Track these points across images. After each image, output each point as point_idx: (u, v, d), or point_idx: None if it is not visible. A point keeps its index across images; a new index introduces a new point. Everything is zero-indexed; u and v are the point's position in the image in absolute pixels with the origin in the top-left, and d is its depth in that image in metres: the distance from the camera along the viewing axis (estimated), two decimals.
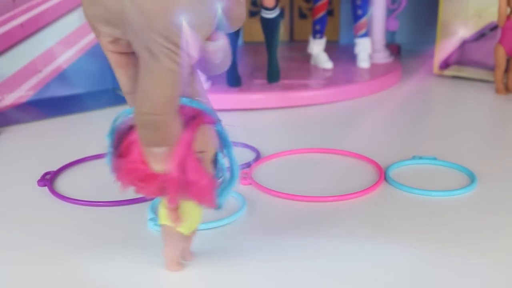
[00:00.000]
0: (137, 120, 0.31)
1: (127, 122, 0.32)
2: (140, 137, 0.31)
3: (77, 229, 0.42)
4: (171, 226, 0.34)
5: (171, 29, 0.28)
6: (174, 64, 0.29)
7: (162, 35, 0.28)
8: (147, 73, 0.29)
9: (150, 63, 0.29)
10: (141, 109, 0.30)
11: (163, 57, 0.29)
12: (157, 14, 0.28)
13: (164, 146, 0.31)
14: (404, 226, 0.41)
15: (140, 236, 0.40)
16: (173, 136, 0.31)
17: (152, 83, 0.29)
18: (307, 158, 0.54)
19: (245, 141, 0.58)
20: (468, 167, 0.51)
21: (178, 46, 0.29)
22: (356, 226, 0.41)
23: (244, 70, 0.75)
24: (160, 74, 0.29)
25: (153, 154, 0.31)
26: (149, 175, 0.31)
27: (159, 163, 0.31)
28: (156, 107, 0.30)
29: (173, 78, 0.29)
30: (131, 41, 0.30)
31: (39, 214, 0.44)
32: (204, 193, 0.32)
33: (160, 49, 0.28)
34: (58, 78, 0.71)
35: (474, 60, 0.80)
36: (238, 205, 0.44)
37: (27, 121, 0.64)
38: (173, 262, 0.36)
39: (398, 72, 0.81)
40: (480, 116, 0.69)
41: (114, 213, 0.44)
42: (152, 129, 0.30)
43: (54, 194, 0.47)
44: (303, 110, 0.68)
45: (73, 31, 0.71)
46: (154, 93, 0.29)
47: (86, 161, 0.54)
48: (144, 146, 0.31)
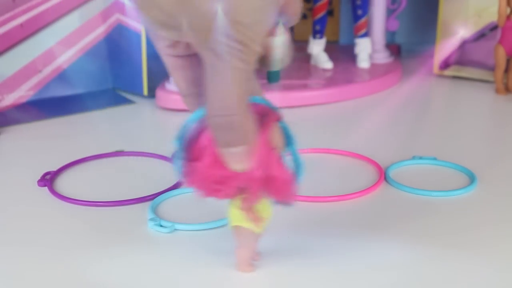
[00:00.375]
0: (210, 123, 0.30)
1: (196, 126, 0.32)
2: (216, 139, 0.31)
3: (77, 229, 0.42)
4: (246, 226, 0.34)
5: (233, 28, 0.28)
6: (240, 62, 0.29)
7: (225, 35, 0.28)
8: (214, 75, 0.29)
9: (216, 64, 0.29)
10: (213, 112, 0.30)
11: (229, 56, 0.28)
12: (216, 14, 0.28)
13: (241, 145, 0.30)
14: (404, 226, 0.41)
15: (140, 236, 0.40)
16: (248, 134, 0.30)
17: (220, 84, 0.29)
18: (307, 158, 0.53)
19: None
20: (468, 167, 0.50)
21: (242, 43, 0.28)
22: (356, 226, 0.41)
23: None
24: (227, 74, 0.29)
25: (231, 154, 0.31)
26: (227, 177, 0.31)
27: (238, 162, 0.31)
28: (228, 107, 0.29)
29: (241, 76, 0.29)
30: (194, 43, 0.30)
31: (39, 214, 0.44)
32: (286, 188, 0.32)
33: (225, 49, 0.28)
34: (58, 78, 0.71)
35: (474, 60, 0.80)
36: None
37: (27, 121, 0.64)
38: (247, 263, 0.35)
39: (398, 72, 0.81)
40: (480, 116, 0.69)
41: (114, 213, 0.44)
42: (227, 130, 0.30)
43: (54, 194, 0.47)
44: (303, 110, 0.68)
45: (73, 31, 0.71)
46: (224, 93, 0.29)
47: (86, 161, 0.54)
48: (220, 147, 0.31)
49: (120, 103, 0.70)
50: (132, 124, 0.65)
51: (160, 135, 0.63)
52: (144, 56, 0.69)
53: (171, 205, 0.45)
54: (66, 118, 0.66)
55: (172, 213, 0.44)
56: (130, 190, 0.47)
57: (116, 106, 0.70)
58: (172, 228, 0.41)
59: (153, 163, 0.53)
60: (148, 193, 0.46)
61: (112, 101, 0.71)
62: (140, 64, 0.70)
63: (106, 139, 0.60)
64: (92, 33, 0.72)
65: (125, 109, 0.69)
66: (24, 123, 0.64)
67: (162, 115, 0.67)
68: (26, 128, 0.63)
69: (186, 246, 0.39)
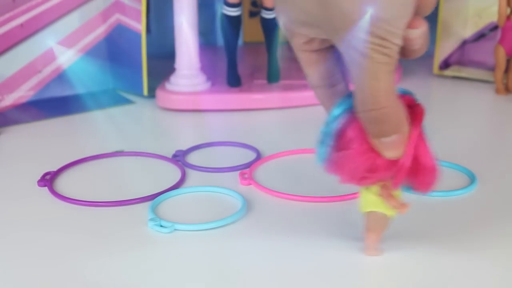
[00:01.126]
0: (363, 118, 0.32)
1: (344, 117, 0.33)
2: (369, 131, 0.32)
3: (77, 229, 0.42)
4: (380, 211, 0.35)
5: (375, 25, 0.29)
6: (385, 57, 0.30)
7: (367, 32, 0.29)
8: (361, 72, 0.30)
9: (360, 61, 0.30)
10: (365, 107, 0.31)
11: (373, 53, 0.29)
12: (357, 13, 0.29)
13: (394, 134, 0.32)
14: (404, 226, 0.41)
15: (140, 236, 0.40)
16: (400, 123, 0.32)
17: (369, 80, 0.30)
18: (308, 159, 0.54)
19: (245, 141, 0.57)
20: (468, 167, 0.50)
21: (384, 39, 0.29)
22: (357, 226, 0.41)
23: (244, 70, 0.75)
24: (374, 70, 0.30)
25: (384, 143, 0.32)
26: (379, 165, 0.33)
27: (392, 150, 0.33)
28: (378, 102, 0.31)
29: (387, 70, 0.30)
30: (336, 43, 0.31)
31: (39, 214, 0.44)
32: (431, 177, 0.34)
33: (368, 46, 0.29)
34: (58, 78, 0.71)
35: (474, 60, 0.80)
36: (238, 206, 0.44)
37: (27, 121, 0.64)
38: (375, 247, 0.37)
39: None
40: (480, 116, 0.68)
41: (114, 213, 0.44)
42: (379, 122, 0.32)
43: (54, 194, 0.47)
44: (303, 110, 0.68)
45: (73, 31, 0.71)
46: (373, 89, 0.30)
47: (86, 161, 0.54)
48: (373, 138, 0.33)
49: (120, 103, 0.70)
50: (132, 124, 0.65)
51: (160, 135, 0.63)
52: (144, 56, 0.69)
53: (171, 205, 0.45)
54: (66, 118, 0.66)
55: (172, 213, 0.43)
56: (130, 190, 0.47)
57: (116, 106, 0.69)
58: (172, 228, 0.41)
59: (153, 163, 0.53)
60: (148, 193, 0.46)
61: (112, 101, 0.70)
62: (140, 64, 0.70)
63: (106, 139, 0.59)
64: (92, 33, 0.72)
65: (125, 109, 0.69)
66: (24, 123, 0.64)
67: (162, 115, 0.67)
68: (26, 128, 0.63)
69: (186, 246, 0.39)
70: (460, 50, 0.81)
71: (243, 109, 0.68)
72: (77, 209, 0.45)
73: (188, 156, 0.55)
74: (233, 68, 0.70)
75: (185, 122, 0.66)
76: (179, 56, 0.68)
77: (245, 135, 0.59)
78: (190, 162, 0.53)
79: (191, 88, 0.68)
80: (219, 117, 0.66)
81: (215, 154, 0.55)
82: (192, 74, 0.68)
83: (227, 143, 0.58)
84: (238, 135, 0.59)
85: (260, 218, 0.43)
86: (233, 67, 0.70)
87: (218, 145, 0.57)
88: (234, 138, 0.58)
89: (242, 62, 0.74)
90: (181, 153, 0.54)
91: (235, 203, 0.45)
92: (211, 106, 0.67)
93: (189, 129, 0.65)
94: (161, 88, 0.69)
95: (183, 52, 0.67)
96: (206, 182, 0.49)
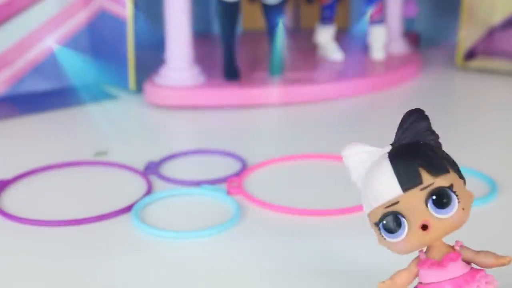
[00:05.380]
0: None
1: None
2: None
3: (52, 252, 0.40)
4: None
5: None
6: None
7: None
8: None
9: None
10: None
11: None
12: None
13: None
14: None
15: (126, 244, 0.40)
16: None
17: None
18: (310, 165, 0.53)
19: (242, 143, 0.56)
20: (489, 174, 0.48)
21: None
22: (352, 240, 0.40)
23: (243, 62, 0.73)
24: None
25: None
26: None
27: None
28: None
29: None
30: None
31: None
32: None
33: None
34: (33, 72, 0.70)
35: (503, 50, 0.77)
36: (229, 215, 0.44)
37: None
38: None
39: (417, 65, 0.79)
40: (508, 116, 0.66)
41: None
42: None
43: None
44: (309, 107, 0.66)
45: (50, 18, 0.69)
46: None
47: (43, 171, 0.50)
48: None
49: (103, 99, 0.69)
50: (113, 124, 0.63)
51: (148, 135, 0.61)
52: (130, 46, 0.68)
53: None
54: (42, 116, 0.64)
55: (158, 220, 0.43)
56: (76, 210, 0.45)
57: (99, 102, 0.68)
58: None
59: (119, 176, 0.51)
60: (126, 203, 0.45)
61: (94, 97, 0.69)
62: (125, 55, 0.68)
63: (80, 142, 0.58)
64: (72, 20, 0.71)
65: (109, 106, 0.67)
66: None
67: (151, 112, 0.65)
68: None
69: (175, 253, 0.39)
70: (487, 38, 0.78)
71: (242, 105, 0.66)
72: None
73: (163, 166, 0.52)
74: (231, 60, 0.69)
75: (174, 121, 0.64)
76: (169, 46, 0.67)
77: (244, 135, 0.59)
78: (164, 174, 0.50)
79: (183, 82, 0.67)
80: (214, 115, 0.64)
81: (193, 165, 0.53)
82: (184, 66, 0.67)
83: (210, 151, 0.55)
84: (232, 135, 0.59)
85: (251, 230, 0.42)
86: (231, 58, 0.69)
87: (198, 154, 0.55)
88: (227, 140, 0.57)
89: (240, 53, 0.73)
90: (153, 165, 0.51)
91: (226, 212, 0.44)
92: (206, 102, 0.66)
93: (178, 129, 0.64)
94: (149, 82, 0.68)
95: (174, 42, 0.66)
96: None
